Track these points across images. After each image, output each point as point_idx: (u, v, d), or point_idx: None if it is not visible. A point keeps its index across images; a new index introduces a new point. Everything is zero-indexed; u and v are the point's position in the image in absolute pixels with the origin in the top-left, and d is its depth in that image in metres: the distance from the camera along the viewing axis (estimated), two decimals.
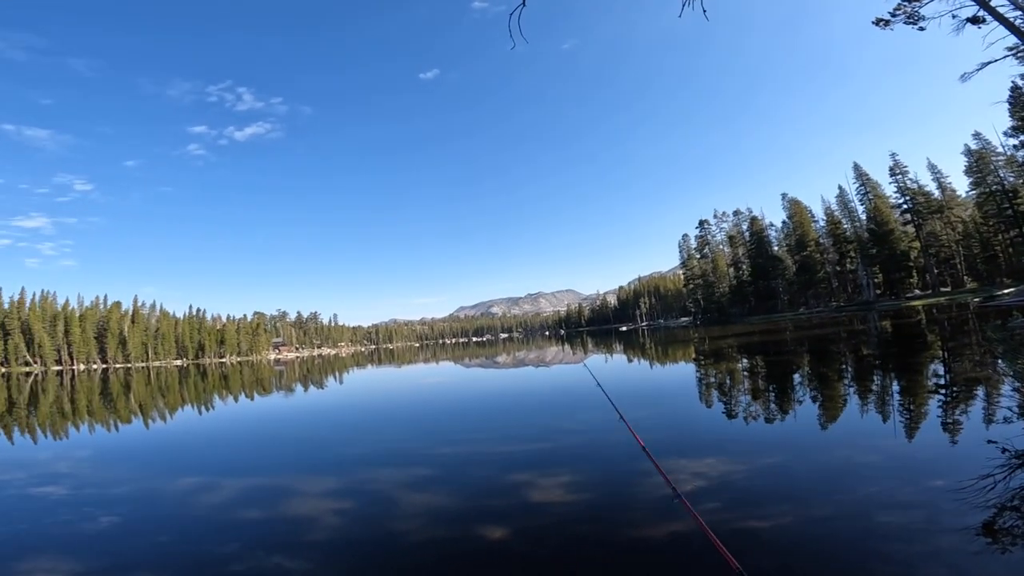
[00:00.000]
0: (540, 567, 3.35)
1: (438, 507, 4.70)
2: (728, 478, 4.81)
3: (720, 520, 3.79)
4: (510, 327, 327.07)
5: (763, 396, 9.55)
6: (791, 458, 5.30)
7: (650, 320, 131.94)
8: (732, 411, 8.23)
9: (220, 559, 3.84)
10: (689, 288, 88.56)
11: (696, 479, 4.82)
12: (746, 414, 7.85)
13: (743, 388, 10.79)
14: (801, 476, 4.70)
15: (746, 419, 7.49)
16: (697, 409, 8.85)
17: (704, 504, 4.12)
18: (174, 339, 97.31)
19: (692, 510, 3.20)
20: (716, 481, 4.74)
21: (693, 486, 4.62)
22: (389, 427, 9.85)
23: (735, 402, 9.06)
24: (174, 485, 6.37)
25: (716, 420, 7.71)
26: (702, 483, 4.70)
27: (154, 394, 23.05)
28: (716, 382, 12.21)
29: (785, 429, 6.64)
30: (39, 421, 14.75)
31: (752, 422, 7.26)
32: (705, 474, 4.97)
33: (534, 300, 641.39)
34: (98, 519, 5.03)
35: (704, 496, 4.32)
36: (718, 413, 8.23)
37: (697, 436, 6.72)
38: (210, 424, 12.55)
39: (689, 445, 6.23)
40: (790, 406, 8.16)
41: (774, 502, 4.07)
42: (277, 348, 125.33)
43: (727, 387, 11.06)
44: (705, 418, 7.97)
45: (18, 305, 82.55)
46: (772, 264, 70.30)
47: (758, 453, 5.59)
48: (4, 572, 3.85)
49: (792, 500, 4.09)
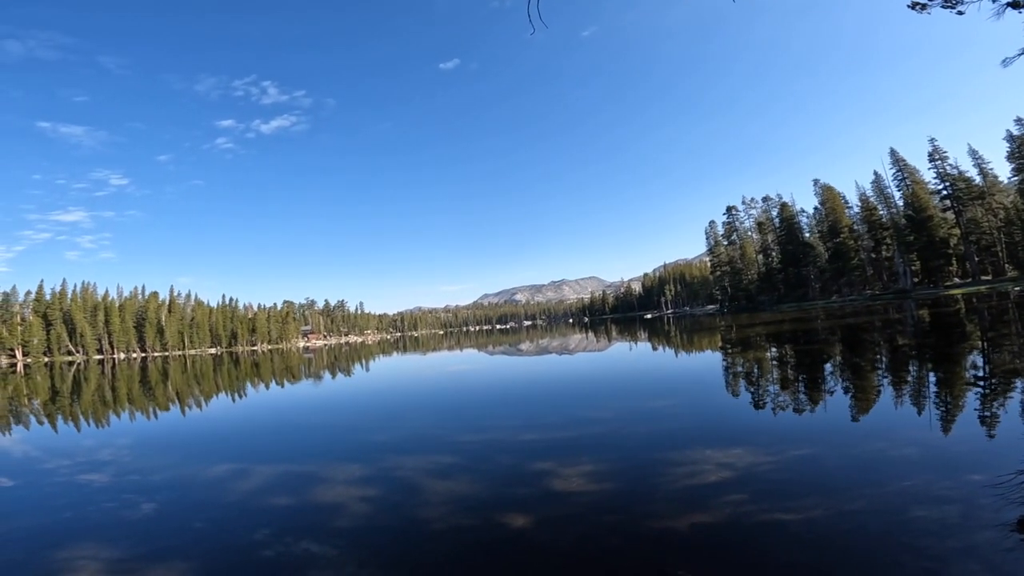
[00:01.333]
0: (562, 556, 3.35)
1: (461, 494, 4.75)
2: (755, 470, 4.71)
3: (746, 512, 3.72)
4: (533, 314, 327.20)
5: (793, 386, 9.33)
6: (822, 450, 5.16)
7: (675, 307, 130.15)
8: (760, 401, 8.06)
9: (250, 545, 3.95)
10: (716, 275, 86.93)
11: (722, 470, 4.74)
12: (775, 404, 7.68)
13: (772, 378, 10.56)
14: (832, 468, 4.58)
15: (775, 409, 7.33)
16: (724, 398, 8.70)
17: (730, 496, 4.06)
18: (208, 328, 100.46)
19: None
20: (743, 472, 4.66)
21: (718, 477, 4.55)
22: (414, 414, 9.97)
23: (764, 392, 8.88)
24: (208, 471, 6.59)
25: (744, 410, 7.55)
26: (728, 474, 4.62)
27: (190, 382, 23.88)
28: (743, 371, 11.98)
29: (816, 420, 6.47)
30: (82, 409, 15.44)
31: (781, 412, 7.11)
32: (732, 465, 4.88)
33: (557, 287, 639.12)
34: (138, 506, 5.23)
35: (731, 488, 4.25)
36: (745, 403, 8.07)
37: (724, 426, 6.60)
38: (242, 411, 12.94)
39: (715, 435, 6.13)
40: (821, 397, 7.94)
41: (803, 495, 3.98)
42: (306, 336, 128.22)
43: (755, 376, 10.84)
44: (732, 408, 7.83)
45: (60, 296, 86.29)
46: (803, 251, 68.34)
47: (787, 444, 5.46)
48: (50, 559, 4.03)
49: (822, 493, 3.99)
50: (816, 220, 71.02)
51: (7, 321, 78.69)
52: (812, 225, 72.06)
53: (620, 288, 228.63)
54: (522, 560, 3.35)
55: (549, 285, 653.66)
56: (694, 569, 3.02)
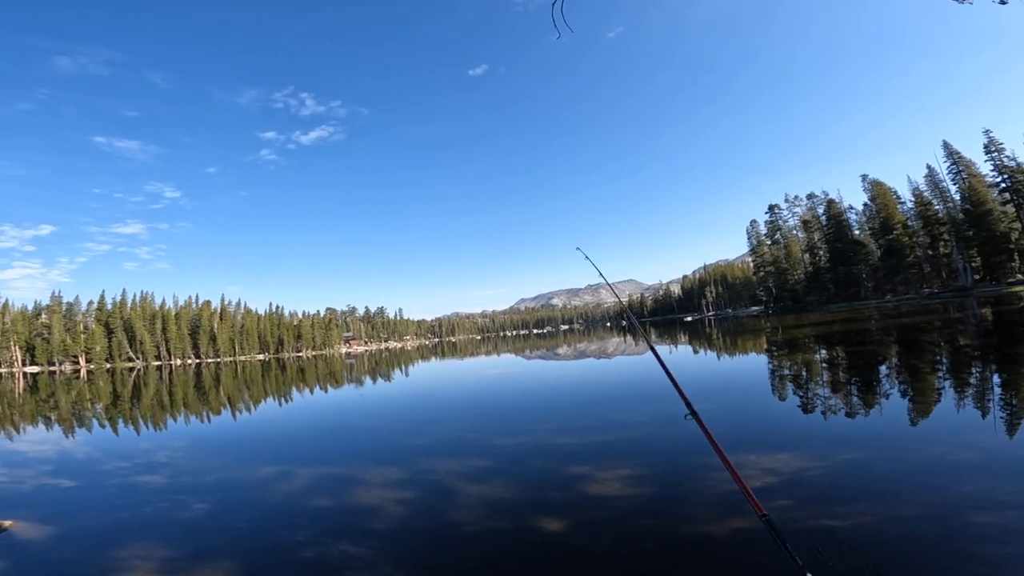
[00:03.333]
0: (598, 560, 3.29)
1: (496, 498, 4.74)
2: (802, 475, 4.51)
3: (792, 518, 3.56)
4: (571, 318, 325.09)
5: (844, 389, 8.90)
6: (874, 455, 4.89)
7: (717, 310, 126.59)
8: (809, 405, 7.73)
9: (291, 545, 4.06)
10: (759, 276, 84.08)
11: (766, 475, 4.55)
12: (825, 408, 7.34)
13: (821, 380, 10.10)
14: (885, 474, 4.32)
15: (824, 413, 7.01)
16: (769, 402, 8.38)
17: (775, 501, 3.89)
18: (257, 335, 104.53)
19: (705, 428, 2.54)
20: (788, 478, 4.46)
21: (762, 482, 4.37)
22: (451, 418, 10.05)
23: (812, 395, 8.50)
24: (254, 473, 6.83)
25: (790, 414, 7.26)
26: (772, 479, 4.44)
27: (240, 387, 24.88)
28: (791, 374, 11.51)
29: (869, 424, 6.14)
30: (141, 413, 16.31)
31: (831, 416, 6.79)
32: (776, 470, 4.69)
33: (594, 291, 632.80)
34: (189, 506, 5.46)
35: (775, 493, 4.08)
36: (792, 407, 7.75)
37: (768, 431, 6.36)
38: (288, 415, 13.38)
39: (759, 440, 5.91)
40: (875, 400, 7.53)
41: (852, 500, 3.78)
42: (348, 342, 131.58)
43: (803, 379, 10.40)
44: (778, 412, 7.53)
45: (120, 305, 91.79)
46: (853, 249, 65.22)
47: (837, 449, 5.21)
48: (108, 558, 4.25)
49: (873, 498, 3.78)
50: (866, 217, 67.72)
51: (71, 329, 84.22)
52: (862, 222, 68.76)
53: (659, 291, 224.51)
54: (556, 564, 3.31)
55: (586, 289, 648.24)
56: (736, 574, 2.90)
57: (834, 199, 69.64)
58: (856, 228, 68.89)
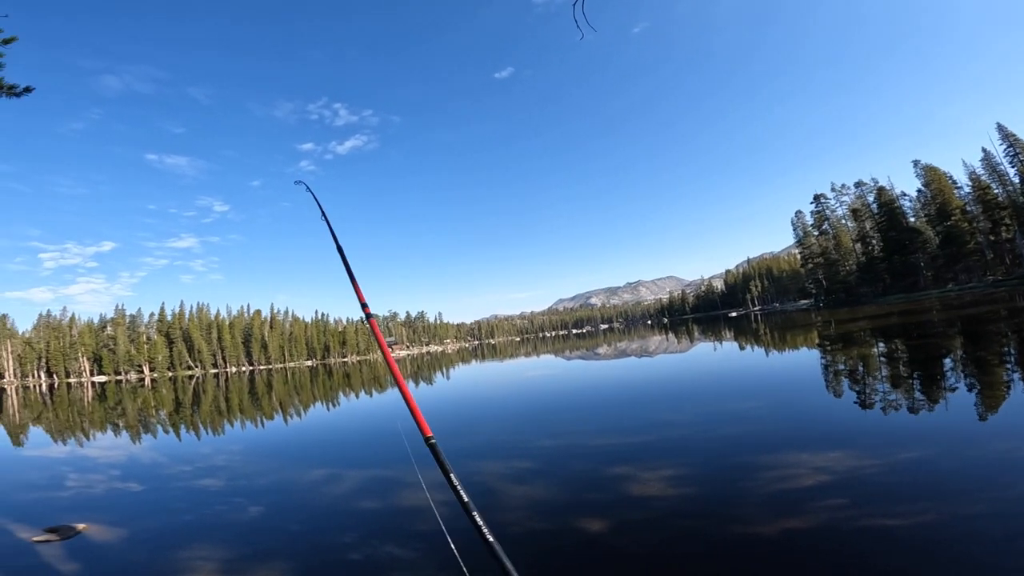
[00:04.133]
0: (641, 562, 3.24)
1: (538, 499, 4.74)
2: (858, 473, 4.29)
3: (847, 517, 3.40)
4: (610, 317, 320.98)
5: (905, 384, 8.42)
6: (936, 452, 4.60)
7: (763, 304, 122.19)
8: (865, 400, 7.35)
9: (340, 547, 4.19)
10: (808, 268, 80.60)
11: (818, 474, 4.37)
12: (883, 403, 6.97)
13: (879, 375, 9.59)
14: (948, 471, 4.07)
15: (884, 409, 6.64)
16: (822, 399, 8.02)
17: (828, 500, 3.72)
18: (304, 342, 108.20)
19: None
20: (843, 476, 4.26)
21: (815, 481, 4.19)
22: (492, 420, 10.11)
23: (869, 391, 8.09)
24: (305, 476, 7.07)
25: (845, 411, 6.91)
26: (826, 478, 4.25)
27: (291, 393, 25.82)
28: (845, 369, 10.99)
29: (931, 420, 5.79)
30: (201, 419, 17.16)
31: (891, 412, 6.43)
32: (830, 468, 4.49)
33: (633, 289, 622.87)
34: (245, 509, 5.71)
35: (829, 492, 3.91)
36: (848, 403, 7.39)
37: (821, 428, 6.09)
38: (335, 419, 13.79)
39: (811, 437, 5.67)
40: (938, 395, 7.09)
41: (913, 499, 3.57)
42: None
43: (859, 375, 9.91)
44: (831, 409, 7.19)
45: (179, 317, 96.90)
46: (909, 237, 61.64)
47: (896, 446, 4.93)
48: (172, 559, 4.46)
49: (935, 496, 3.56)
50: (921, 203, 63.99)
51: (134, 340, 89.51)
52: (916, 209, 64.98)
53: (700, 286, 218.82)
54: (598, 565, 3.28)
55: (625, 287, 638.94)
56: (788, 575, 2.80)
57: (884, 186, 66.19)
58: (911, 215, 65.22)
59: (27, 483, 8.30)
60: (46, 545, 4.85)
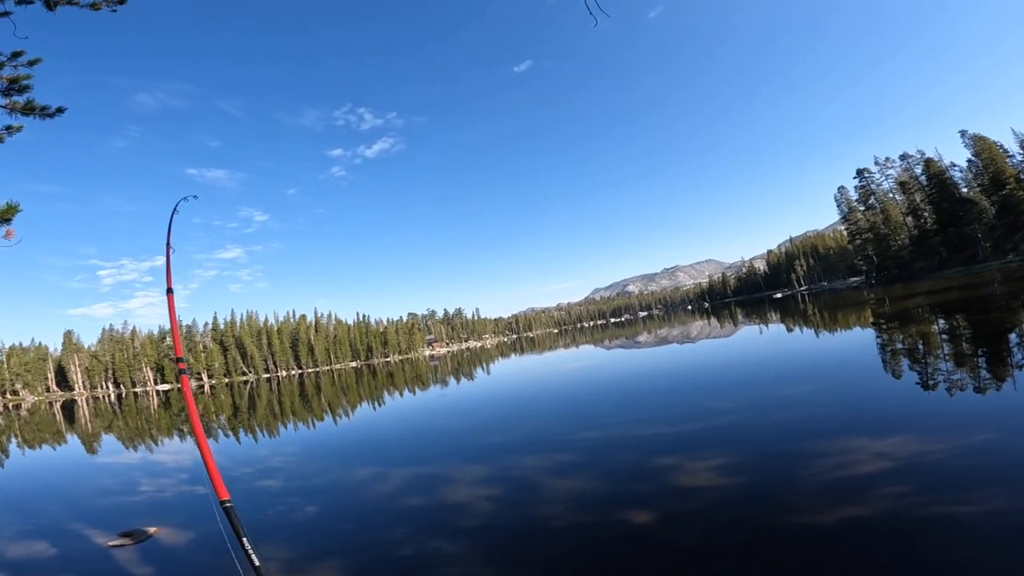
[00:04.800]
0: (687, 553, 3.17)
1: (582, 492, 4.71)
2: (922, 459, 4.06)
3: (910, 505, 3.22)
4: (648, 304, 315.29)
5: (968, 362, 7.91)
6: (1006, 435, 4.29)
7: (809, 284, 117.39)
8: (927, 381, 6.95)
9: (391, 544, 4.28)
10: (856, 244, 76.80)
11: (878, 460, 4.15)
12: (947, 384, 6.55)
13: (941, 354, 9.04)
14: (1019, 455, 3.78)
15: (948, 390, 6.24)
16: (879, 381, 7.63)
17: (889, 488, 3.54)
18: (348, 343, 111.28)
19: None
20: (906, 462, 4.03)
21: (874, 468, 3.99)
22: (534, 414, 10.12)
23: (931, 371, 7.64)
24: (355, 475, 7.27)
25: (906, 393, 6.54)
26: (886, 464, 4.04)
27: (338, 394, 26.61)
28: (904, 348, 10.42)
29: (999, 401, 5.41)
30: (257, 422, 17.91)
31: (956, 393, 6.04)
32: (891, 454, 4.26)
33: (671, 274, 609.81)
34: (303, 508, 5.91)
35: (890, 479, 3.71)
36: (909, 384, 7.00)
37: (880, 412, 5.78)
38: (381, 418, 14.13)
39: (869, 422, 5.40)
40: (1005, 373, 6.63)
41: (982, 485, 3.35)
42: (430, 344, 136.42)
43: (919, 354, 9.38)
44: (890, 391, 6.83)
45: (230, 325, 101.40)
46: (962, 208, 57.94)
47: (963, 430, 4.63)
48: (237, 560, 4.64)
49: (1005, 482, 3.33)
50: (973, 173, 60.24)
51: (192, 349, 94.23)
52: (968, 179, 61.21)
53: (741, 268, 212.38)
54: (645, 558, 3.22)
55: (662, 273, 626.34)
56: (846, 566, 2.67)
57: (932, 158, 62.66)
58: (963, 186, 61.51)
59: (103, 488, 8.86)
60: (120, 549, 5.14)
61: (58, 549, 5.40)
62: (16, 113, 5.10)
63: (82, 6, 5.23)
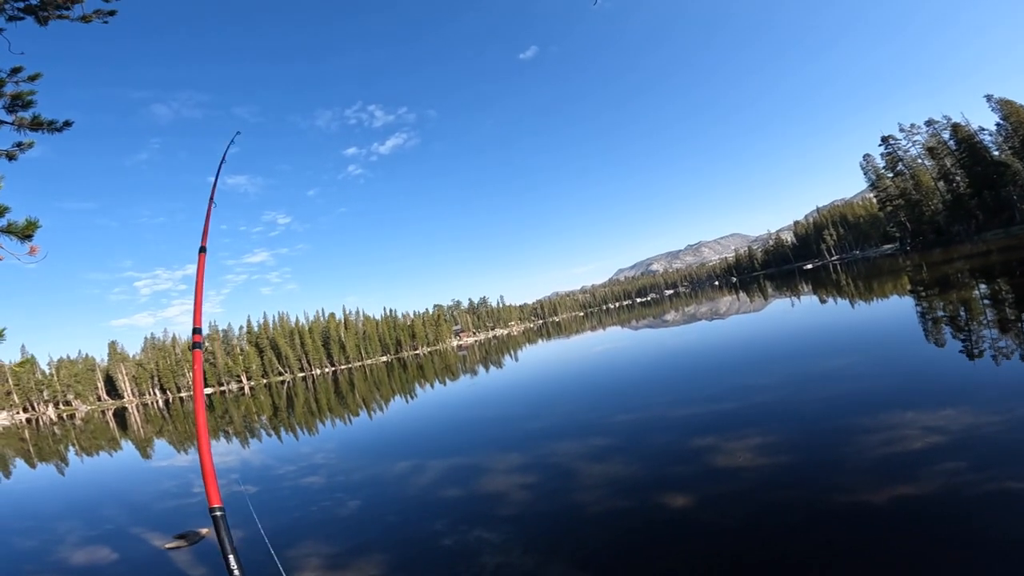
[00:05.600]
0: (729, 536, 3.12)
1: (618, 476, 4.70)
2: (976, 432, 3.91)
3: (966, 482, 3.12)
4: (674, 282, 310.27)
5: (1014, 328, 7.57)
6: None
7: (840, 253, 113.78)
8: (973, 349, 6.68)
9: (432, 534, 4.35)
10: (888, 211, 74.21)
11: (929, 435, 4.03)
12: (994, 352, 6.29)
13: (985, 320, 8.67)
14: None
15: (995, 358, 5.99)
16: (924, 351, 7.35)
17: (943, 464, 3.44)
18: (377, 338, 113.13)
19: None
20: (958, 436, 3.89)
21: (925, 443, 3.88)
22: (565, 400, 10.12)
23: (976, 338, 7.34)
24: (393, 468, 7.41)
25: (953, 363, 6.29)
26: (938, 439, 3.91)
27: (371, 389, 27.15)
28: (947, 315, 10.01)
29: None
30: (297, 420, 18.43)
31: (1003, 361, 5.80)
32: (943, 428, 4.12)
33: (696, 250, 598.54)
34: (345, 503, 6.05)
35: (943, 454, 3.60)
36: (954, 352, 6.74)
37: (927, 383, 5.59)
38: (415, 411, 14.36)
39: (916, 394, 5.22)
40: None
41: None
42: (457, 335, 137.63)
43: (961, 321, 9.02)
44: (936, 361, 6.58)
45: (264, 327, 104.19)
46: (996, 171, 55.50)
47: (1015, 400, 4.43)
48: (287, 557, 4.72)
49: None
50: (1003, 137, 57.65)
51: (230, 353, 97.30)
52: (999, 143, 58.64)
53: (768, 241, 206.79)
54: (684, 541, 3.20)
55: (686, 249, 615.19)
56: (899, 547, 2.62)
57: (959, 123, 60.24)
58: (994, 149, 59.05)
59: (159, 491, 9.27)
60: (176, 551, 5.37)
61: (119, 553, 5.65)
62: (24, 129, 5.23)
63: (73, 19, 5.33)
